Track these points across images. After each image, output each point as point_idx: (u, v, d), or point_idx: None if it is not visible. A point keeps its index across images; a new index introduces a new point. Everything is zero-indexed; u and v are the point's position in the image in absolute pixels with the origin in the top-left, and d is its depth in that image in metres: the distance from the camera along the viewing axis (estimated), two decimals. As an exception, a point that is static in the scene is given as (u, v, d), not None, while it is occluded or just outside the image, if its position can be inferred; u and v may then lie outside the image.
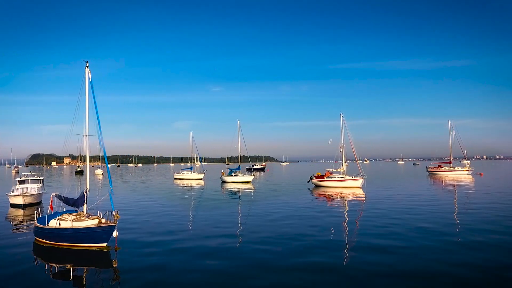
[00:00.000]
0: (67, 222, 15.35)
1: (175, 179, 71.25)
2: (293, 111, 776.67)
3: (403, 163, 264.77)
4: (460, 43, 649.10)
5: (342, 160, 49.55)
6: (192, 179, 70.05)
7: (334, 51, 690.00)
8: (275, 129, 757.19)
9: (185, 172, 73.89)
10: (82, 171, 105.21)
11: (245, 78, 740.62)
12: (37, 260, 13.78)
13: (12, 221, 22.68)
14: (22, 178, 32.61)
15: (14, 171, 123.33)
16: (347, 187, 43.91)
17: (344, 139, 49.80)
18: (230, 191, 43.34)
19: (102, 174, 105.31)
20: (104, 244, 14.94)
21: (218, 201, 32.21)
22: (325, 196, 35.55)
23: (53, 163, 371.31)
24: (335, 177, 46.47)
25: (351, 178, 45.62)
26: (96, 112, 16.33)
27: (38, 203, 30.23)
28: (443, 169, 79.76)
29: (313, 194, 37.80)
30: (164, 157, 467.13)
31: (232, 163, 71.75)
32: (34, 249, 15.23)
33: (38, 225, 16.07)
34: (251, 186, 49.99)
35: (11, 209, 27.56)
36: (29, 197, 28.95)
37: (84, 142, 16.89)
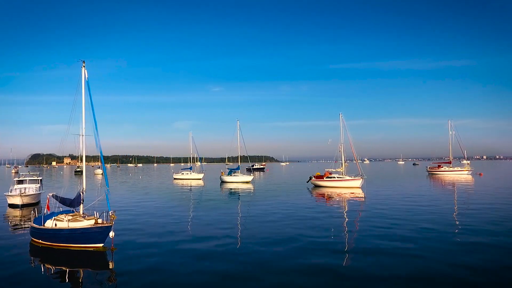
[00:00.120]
0: (63, 223, 15.25)
1: (175, 179, 71.18)
2: (293, 111, 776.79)
3: (403, 163, 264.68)
4: (460, 43, 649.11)
5: (341, 160, 49.47)
6: (191, 179, 69.97)
7: (334, 51, 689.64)
8: (275, 129, 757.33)
9: (184, 172, 73.83)
10: (82, 171, 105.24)
11: (245, 78, 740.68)
12: (32, 261, 13.67)
13: (10, 221, 22.59)
14: (20, 178, 32.52)
15: (13, 171, 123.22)
16: (347, 187, 43.81)
17: (344, 139, 49.79)
18: (230, 191, 43.24)
19: (102, 174, 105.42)
20: (100, 245, 14.83)
21: (217, 201, 32.12)
22: (325, 196, 35.45)
23: (53, 163, 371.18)
24: (334, 177, 46.38)
25: (350, 178, 45.53)
26: (93, 112, 16.24)
27: (36, 203, 30.15)
28: (442, 169, 79.66)
29: (312, 194, 37.70)
30: (164, 157, 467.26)
31: (232, 163, 71.70)
32: (30, 250, 15.13)
33: (34, 225, 15.97)
34: (250, 186, 49.90)
35: (9, 209, 27.48)
36: (27, 197, 28.87)
37: (81, 142, 16.80)
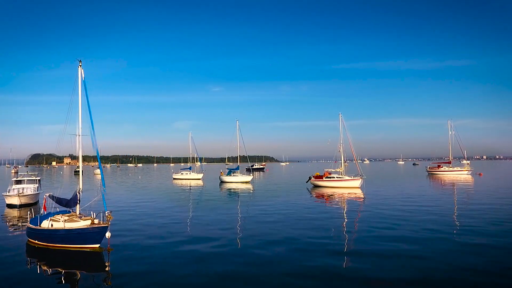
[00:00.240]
0: (59, 223, 15.17)
1: (174, 179, 71.10)
2: (293, 111, 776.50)
3: (403, 163, 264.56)
4: (460, 43, 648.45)
5: (340, 160, 49.39)
6: (191, 179, 69.90)
7: (334, 51, 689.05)
8: (275, 129, 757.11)
9: (184, 172, 73.76)
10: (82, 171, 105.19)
11: (245, 78, 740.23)
12: (28, 262, 13.59)
13: (7, 221, 22.50)
14: (18, 178, 32.46)
15: (13, 171, 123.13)
16: (346, 187, 43.71)
17: (343, 139, 49.67)
18: (229, 191, 43.15)
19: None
20: (96, 245, 14.75)
21: (216, 202, 32.02)
22: (324, 197, 35.36)
23: (53, 163, 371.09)
24: (334, 177, 46.28)
25: (350, 178, 45.43)
26: (89, 112, 16.16)
27: (35, 203, 30.06)
28: (442, 169, 79.57)
29: (311, 195, 37.60)
30: (164, 157, 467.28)
31: (232, 163, 71.68)
32: (27, 250, 15.05)
33: (30, 226, 15.90)
34: (250, 186, 49.81)
35: (7, 210, 27.40)
36: (25, 197, 28.79)
37: (77, 142, 16.71)
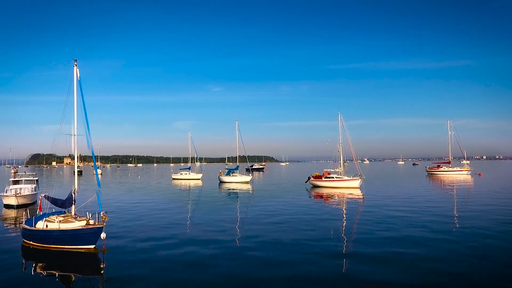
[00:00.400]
0: (54, 224, 15.06)
1: (173, 179, 70.97)
2: (293, 111, 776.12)
3: (403, 163, 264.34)
4: (460, 43, 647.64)
5: (340, 160, 49.28)
6: (190, 179, 69.78)
7: (334, 51, 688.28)
8: (275, 129, 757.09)
9: (183, 172, 73.63)
10: (81, 171, 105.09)
11: (245, 78, 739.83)
12: (22, 263, 13.47)
13: (3, 222, 22.38)
14: (16, 179, 32.39)
15: (13, 171, 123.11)
16: (345, 187, 43.60)
17: (342, 139, 49.59)
18: (228, 191, 43.03)
19: (101, 174, 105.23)
20: (91, 246, 14.64)
21: (214, 203, 31.87)
22: (323, 197, 35.23)
23: (53, 163, 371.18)
24: (333, 177, 46.16)
25: (349, 178, 45.30)
26: (85, 111, 16.05)
27: (32, 203, 29.96)
28: (442, 169, 79.44)
29: (310, 195, 37.49)
30: (164, 157, 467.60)
31: (232, 163, 71.74)
32: (22, 251, 14.94)
33: (25, 226, 15.79)
34: (249, 187, 49.69)
35: (4, 210, 27.30)
36: (22, 197, 28.68)
37: (73, 142, 16.61)
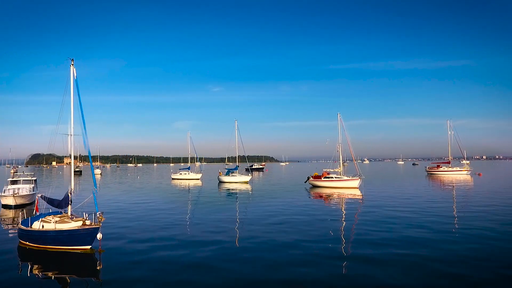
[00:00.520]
0: (50, 224, 14.97)
1: (173, 179, 70.92)
2: (293, 111, 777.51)
3: (403, 163, 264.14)
4: (460, 43, 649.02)
5: (339, 160, 49.21)
6: (189, 179, 69.70)
7: (334, 51, 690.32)
8: (275, 129, 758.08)
9: (182, 172, 73.56)
10: (81, 171, 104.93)
11: (245, 78, 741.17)
12: (18, 264, 13.37)
13: (1, 222, 22.31)
14: (14, 179, 32.30)
15: (12, 171, 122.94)
16: (345, 188, 43.52)
17: (342, 139, 49.52)
18: (227, 192, 42.93)
19: (101, 174, 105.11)
20: (88, 247, 14.55)
21: (213, 203, 31.73)
22: (322, 197, 35.14)
23: (53, 163, 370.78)
24: (332, 177, 46.08)
25: (348, 178, 45.22)
26: (81, 111, 15.94)
27: (30, 203, 29.85)
28: (441, 169, 79.38)
29: (310, 195, 37.39)
30: (164, 157, 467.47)
31: (231, 163, 71.83)
32: (18, 252, 14.86)
33: (21, 227, 15.70)
34: (248, 187, 49.61)
35: (2, 210, 27.24)
36: (20, 197, 28.59)
37: (69, 142, 16.53)
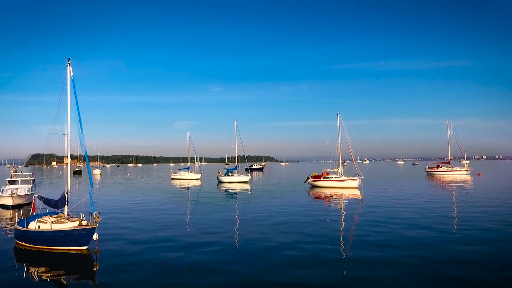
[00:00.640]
0: (46, 225, 14.88)
1: (172, 179, 70.87)
2: (293, 111, 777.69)
3: (403, 163, 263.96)
4: (460, 43, 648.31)
5: (339, 160, 49.13)
6: (189, 179, 69.64)
7: (334, 51, 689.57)
8: (275, 129, 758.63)
9: (182, 172, 73.51)
10: (81, 171, 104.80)
11: (245, 78, 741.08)
12: (14, 265, 13.29)
13: (-2, 222, 22.24)
14: (12, 179, 32.24)
15: (12, 171, 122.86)
16: (344, 188, 43.43)
17: (341, 139, 49.43)
18: (226, 192, 42.84)
19: (100, 174, 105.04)
20: (84, 247, 14.46)
21: (212, 203, 31.59)
22: (321, 198, 35.03)
23: (53, 163, 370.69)
24: (331, 178, 45.98)
25: (347, 178, 45.12)
26: (78, 111, 15.87)
27: (28, 203, 29.75)
28: (441, 169, 79.29)
29: (309, 195, 37.29)
30: (164, 157, 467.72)
31: (231, 163, 71.87)
32: (14, 252, 14.77)
33: (18, 227, 15.63)
34: (247, 187, 49.52)
35: (0, 210, 27.16)
36: (18, 197, 28.52)
37: (65, 142, 16.45)
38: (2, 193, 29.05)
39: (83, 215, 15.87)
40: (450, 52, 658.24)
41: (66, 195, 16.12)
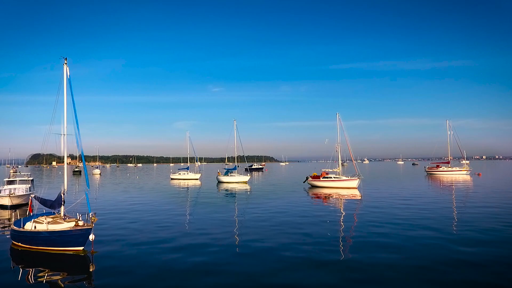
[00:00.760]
0: (42, 225, 14.78)
1: (172, 179, 70.81)
2: (293, 111, 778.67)
3: (403, 163, 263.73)
4: (459, 43, 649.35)
5: (338, 160, 49.03)
6: (188, 179, 69.58)
7: (334, 51, 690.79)
8: (275, 129, 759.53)
9: (181, 172, 73.45)
10: (80, 171, 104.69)
11: (245, 78, 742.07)
12: (10, 266, 13.17)
13: (-5, 223, 22.14)
14: (11, 179, 32.15)
15: (12, 171, 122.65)
16: (343, 188, 43.34)
17: (341, 139, 49.35)
18: (225, 192, 42.74)
19: (100, 174, 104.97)
20: (80, 248, 14.35)
21: (211, 204, 31.43)
22: (321, 198, 34.92)
23: (53, 163, 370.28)
24: (331, 178, 45.89)
25: (347, 178, 45.03)
26: (74, 111, 15.75)
27: (27, 204, 29.65)
28: (441, 169, 79.19)
29: (308, 195, 37.18)
30: (164, 157, 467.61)
31: (231, 163, 71.84)
32: (10, 253, 14.66)
33: (14, 228, 15.53)
34: (247, 187, 49.42)
35: (-2, 210, 27.09)
36: (16, 198, 28.43)
37: (62, 142, 16.35)
38: (0, 193, 28.97)
39: (80, 216, 15.76)
40: (450, 52, 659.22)
41: (62, 195, 16.02)
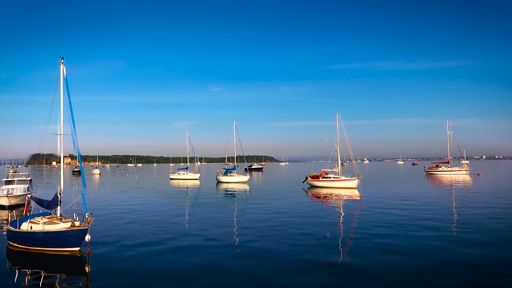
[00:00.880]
0: (38, 225, 14.68)
1: (171, 179, 70.73)
2: (293, 111, 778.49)
3: (402, 163, 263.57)
4: (459, 43, 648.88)
5: (337, 160, 48.93)
6: (188, 179, 69.50)
7: (334, 51, 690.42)
8: (275, 129, 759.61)
9: (181, 172, 73.36)
10: (79, 170, 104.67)
11: (245, 78, 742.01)
12: (5, 267, 13.08)
13: (-7, 223, 22.05)
14: (9, 179, 32.06)
15: (12, 171, 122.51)
16: (343, 188, 43.25)
17: (340, 139, 49.25)
18: (225, 192, 42.65)
19: (99, 174, 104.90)
20: (76, 249, 14.25)
21: (210, 204, 31.28)
22: (320, 198, 34.82)
23: (53, 163, 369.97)
24: (330, 177, 45.80)
25: (346, 178, 44.94)
26: (71, 110, 15.67)
27: (24, 204, 29.56)
28: (441, 169, 79.09)
29: (307, 195, 37.09)
30: (164, 157, 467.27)
31: (231, 163, 71.76)
32: (5, 254, 14.56)
33: (10, 228, 15.44)
34: (246, 187, 49.34)
35: (-4, 211, 26.97)
36: (14, 198, 28.30)
37: (58, 142, 16.25)
38: (-2, 193, 28.86)
39: (76, 216, 15.67)
40: (450, 52, 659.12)
41: (59, 195, 15.93)
